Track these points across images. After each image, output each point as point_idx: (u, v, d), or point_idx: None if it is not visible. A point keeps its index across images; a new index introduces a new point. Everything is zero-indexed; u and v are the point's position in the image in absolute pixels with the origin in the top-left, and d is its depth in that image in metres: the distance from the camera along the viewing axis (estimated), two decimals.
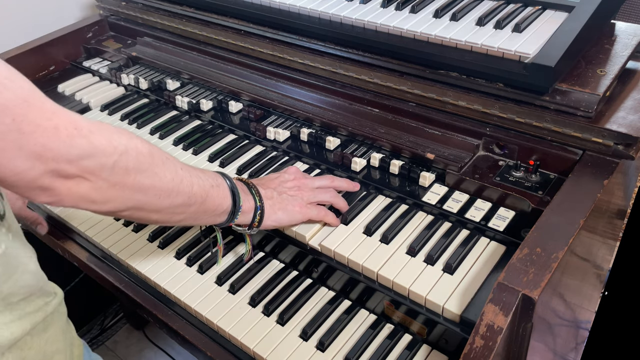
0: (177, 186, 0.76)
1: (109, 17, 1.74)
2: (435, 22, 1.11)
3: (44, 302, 0.80)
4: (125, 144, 0.67)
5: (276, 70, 1.34)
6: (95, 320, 2.21)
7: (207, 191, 0.82)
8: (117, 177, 0.66)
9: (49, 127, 0.58)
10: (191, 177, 0.79)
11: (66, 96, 1.54)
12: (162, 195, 0.74)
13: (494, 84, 1.01)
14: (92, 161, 0.63)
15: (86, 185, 0.64)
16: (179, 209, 0.78)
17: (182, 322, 1.02)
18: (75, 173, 0.62)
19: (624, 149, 0.93)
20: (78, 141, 0.61)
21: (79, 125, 0.61)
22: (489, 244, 0.93)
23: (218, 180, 0.86)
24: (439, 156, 1.05)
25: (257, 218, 0.92)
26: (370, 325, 0.95)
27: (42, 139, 0.58)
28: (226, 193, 0.86)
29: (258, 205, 0.92)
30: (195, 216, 0.83)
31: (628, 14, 1.35)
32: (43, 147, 0.58)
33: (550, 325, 0.93)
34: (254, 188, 0.93)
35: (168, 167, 0.75)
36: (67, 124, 0.60)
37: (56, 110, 0.60)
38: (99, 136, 0.63)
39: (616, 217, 1.15)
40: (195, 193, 0.79)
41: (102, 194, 0.66)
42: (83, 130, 0.61)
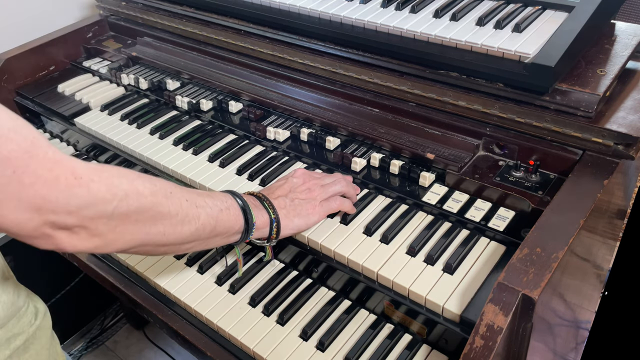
0: (182, 220, 0.75)
1: (109, 17, 1.74)
2: (435, 22, 1.11)
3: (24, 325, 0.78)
4: (125, 188, 0.66)
5: (276, 70, 1.34)
6: (95, 320, 2.21)
7: (216, 217, 0.81)
8: (117, 222, 0.66)
9: (50, 178, 0.58)
10: (197, 207, 0.78)
11: (66, 96, 1.54)
12: (167, 231, 0.73)
13: (494, 84, 1.01)
14: (91, 210, 0.62)
15: (86, 233, 0.64)
16: (187, 239, 0.78)
17: (182, 322, 1.02)
18: (75, 223, 0.62)
19: (624, 149, 0.93)
20: (77, 191, 0.61)
21: (78, 174, 0.61)
22: (489, 244, 0.93)
23: (228, 202, 0.85)
24: (439, 156, 1.05)
25: (274, 230, 0.91)
26: (370, 325, 0.95)
27: (42, 190, 0.58)
28: (237, 213, 0.85)
29: (273, 217, 0.90)
30: (206, 242, 0.82)
31: (628, 14, 1.35)
32: (43, 199, 0.58)
33: (550, 325, 0.93)
34: (266, 200, 0.92)
35: (172, 203, 0.74)
36: (67, 174, 0.60)
37: (58, 160, 0.60)
38: (99, 184, 0.63)
39: (616, 217, 1.15)
40: (203, 223, 0.78)
41: (103, 239, 0.66)
42: (83, 179, 0.61)
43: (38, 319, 0.81)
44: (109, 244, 0.67)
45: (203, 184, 1.14)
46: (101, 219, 0.64)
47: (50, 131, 1.55)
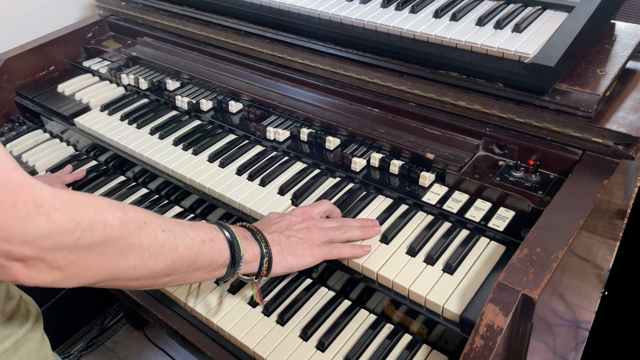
0: (156, 252, 0.69)
1: (109, 17, 1.74)
2: (435, 22, 1.11)
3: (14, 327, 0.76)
4: (90, 218, 0.60)
5: (276, 70, 1.34)
6: (95, 320, 2.21)
7: (196, 250, 0.74)
8: (80, 255, 0.60)
9: (8, 204, 0.53)
10: (176, 238, 0.72)
11: (66, 96, 1.54)
12: (138, 265, 0.67)
13: (493, 84, 1.01)
14: (50, 241, 0.57)
15: (44, 266, 0.58)
16: (162, 273, 0.71)
17: (182, 322, 1.03)
18: (31, 254, 0.56)
19: (624, 149, 0.93)
20: (36, 219, 0.55)
21: (40, 201, 0.56)
22: (489, 244, 0.93)
23: (212, 233, 0.79)
24: (439, 156, 1.05)
25: (264, 266, 0.84)
26: (370, 325, 0.95)
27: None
28: (222, 246, 0.79)
29: (264, 252, 0.84)
30: (186, 276, 0.76)
31: (628, 14, 1.35)
32: None
33: (550, 325, 0.93)
34: (259, 234, 0.86)
35: (145, 234, 0.67)
36: (27, 200, 0.55)
37: (22, 184, 0.55)
38: (62, 213, 0.57)
39: (616, 217, 1.15)
40: (181, 255, 0.72)
41: (64, 272, 0.60)
42: (45, 207, 0.56)
43: (29, 321, 0.79)
44: (70, 278, 0.61)
45: (203, 184, 1.14)
46: (61, 251, 0.58)
47: (50, 131, 1.55)
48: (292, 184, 1.10)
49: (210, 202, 1.16)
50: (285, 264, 0.87)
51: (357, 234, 0.94)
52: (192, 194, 1.19)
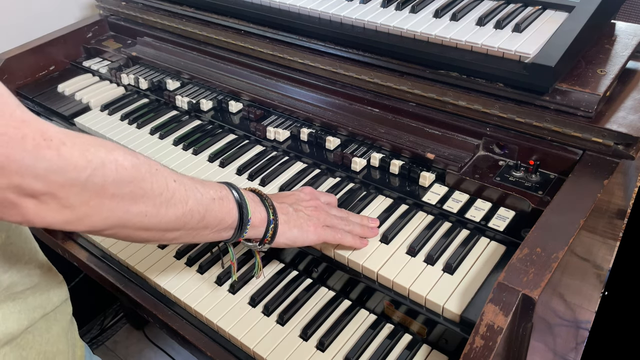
0: (167, 201, 0.68)
1: (109, 17, 1.74)
2: (435, 22, 1.11)
3: (46, 298, 0.77)
4: (102, 156, 0.60)
5: (276, 70, 1.34)
6: (95, 320, 2.21)
7: (206, 205, 0.74)
8: (91, 194, 0.59)
9: (15, 137, 0.53)
10: (187, 190, 0.71)
11: (66, 96, 1.54)
12: (150, 211, 0.66)
13: (494, 84, 1.01)
14: (61, 176, 0.56)
15: (56, 203, 0.57)
16: (171, 225, 0.70)
17: (182, 322, 1.02)
18: (43, 190, 0.56)
19: (624, 149, 0.93)
20: (46, 153, 0.55)
21: (48, 135, 0.55)
22: (489, 244, 0.93)
23: (222, 192, 0.78)
24: (439, 156, 1.05)
25: (269, 232, 0.83)
26: (370, 325, 0.95)
27: (6, 148, 0.52)
28: (231, 206, 0.78)
29: (271, 218, 0.83)
30: (194, 233, 0.75)
31: (628, 14, 1.35)
32: (7, 158, 0.52)
33: (550, 325, 0.93)
34: (268, 200, 0.85)
35: (157, 180, 0.67)
36: (35, 134, 0.54)
37: (27, 119, 0.55)
38: (71, 148, 0.57)
39: (616, 217, 1.15)
40: (191, 208, 0.71)
41: (75, 212, 0.59)
42: (53, 142, 0.55)
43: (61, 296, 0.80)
44: (82, 219, 0.60)
45: None
46: (72, 188, 0.57)
47: None
48: (292, 184, 1.10)
49: None
50: (289, 235, 0.86)
51: (357, 229, 0.95)
52: None
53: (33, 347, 0.75)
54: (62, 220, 0.59)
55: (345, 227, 0.93)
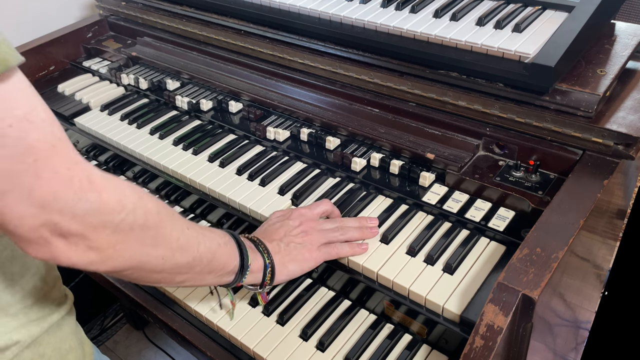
0: (182, 246, 0.72)
1: (109, 17, 1.74)
2: (435, 22, 1.11)
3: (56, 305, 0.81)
4: (134, 202, 0.64)
5: (276, 70, 1.34)
6: (95, 320, 2.21)
7: (213, 252, 0.77)
8: (119, 237, 0.63)
9: (66, 177, 0.57)
10: (198, 235, 0.75)
11: (66, 96, 1.54)
12: (167, 255, 0.70)
13: (494, 84, 1.01)
14: (97, 217, 0.60)
15: (84, 245, 0.60)
16: (183, 269, 0.74)
17: (182, 322, 1.03)
18: (77, 230, 0.59)
19: (624, 149, 0.93)
20: (89, 195, 0.58)
21: (93, 179, 0.59)
22: (489, 244, 0.93)
23: (225, 237, 0.82)
24: (439, 156, 1.05)
25: (267, 276, 0.86)
26: (370, 325, 0.95)
27: (56, 186, 0.56)
28: (233, 251, 0.82)
29: (267, 263, 0.86)
30: (200, 277, 0.78)
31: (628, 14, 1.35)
32: (54, 195, 0.56)
33: (550, 325, 0.93)
34: (261, 245, 0.88)
35: (175, 226, 0.71)
36: (82, 177, 0.58)
37: (78, 161, 0.59)
38: (110, 193, 0.61)
39: (616, 217, 1.15)
40: (201, 254, 0.75)
41: (101, 254, 0.62)
42: (96, 184, 0.59)
43: (69, 301, 0.83)
44: (105, 261, 0.63)
45: (203, 184, 1.14)
46: (105, 230, 0.61)
47: None
48: (292, 184, 1.10)
49: (210, 202, 1.16)
50: (287, 272, 0.89)
51: (355, 235, 0.95)
52: (192, 194, 1.19)
53: (49, 343, 0.78)
54: (88, 261, 0.62)
55: (341, 237, 0.94)
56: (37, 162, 0.55)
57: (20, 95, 0.55)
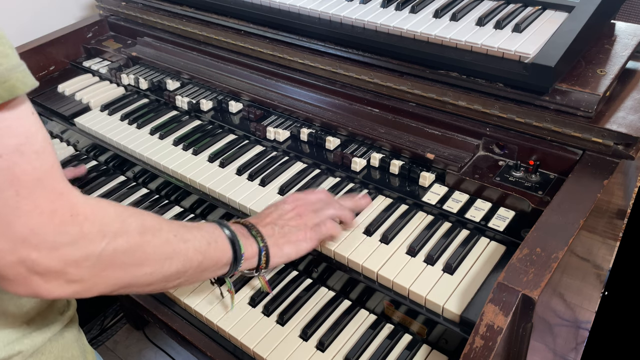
0: (169, 258, 0.71)
1: (109, 17, 1.74)
2: (435, 22, 1.11)
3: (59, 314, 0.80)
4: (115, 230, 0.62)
5: (276, 70, 1.34)
6: (95, 320, 2.21)
7: (203, 252, 0.76)
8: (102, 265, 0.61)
9: (47, 211, 0.55)
10: (185, 242, 0.73)
11: (66, 96, 1.54)
12: (154, 270, 0.69)
13: (494, 84, 1.01)
14: (78, 251, 0.58)
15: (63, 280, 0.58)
16: (173, 276, 0.73)
17: (182, 322, 1.03)
18: (55, 267, 0.56)
19: (624, 149, 0.93)
20: (69, 229, 0.56)
21: (76, 211, 0.57)
22: (489, 244, 0.93)
23: (215, 233, 0.80)
24: (439, 156, 1.05)
25: (262, 260, 0.85)
26: (370, 325, 0.95)
27: (35, 221, 0.54)
28: (225, 246, 0.80)
29: (261, 246, 0.85)
30: (194, 278, 0.78)
31: (628, 14, 1.35)
32: (32, 230, 0.54)
33: (550, 325, 0.93)
34: (254, 228, 0.86)
35: (160, 241, 0.69)
36: (65, 210, 0.56)
37: (63, 192, 0.57)
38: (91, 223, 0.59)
39: (616, 217, 1.15)
40: (190, 258, 0.74)
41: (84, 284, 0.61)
42: (79, 217, 0.57)
43: (72, 309, 0.83)
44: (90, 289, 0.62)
45: (203, 184, 1.14)
46: (86, 262, 0.59)
47: (50, 131, 1.55)
48: (292, 184, 1.10)
49: (210, 202, 1.16)
50: (281, 254, 0.88)
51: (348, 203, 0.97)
52: (192, 194, 1.19)
53: (52, 351, 0.77)
54: (72, 292, 0.60)
55: (335, 212, 0.94)
56: (19, 195, 0.53)
57: (17, 124, 0.53)
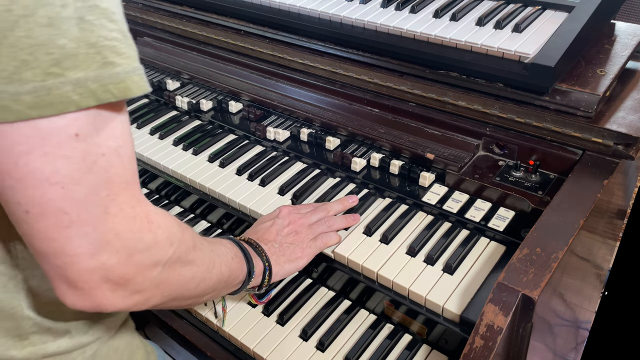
0: (209, 270, 0.72)
1: None
2: (435, 22, 1.11)
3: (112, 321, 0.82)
4: (179, 237, 0.64)
5: (276, 70, 1.34)
6: None
7: (229, 266, 0.78)
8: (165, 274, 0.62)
9: (129, 216, 0.56)
10: (219, 257, 0.76)
11: None
12: (199, 283, 0.71)
13: (493, 84, 1.01)
14: (149, 258, 0.59)
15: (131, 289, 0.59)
16: (209, 289, 0.75)
17: (182, 322, 1.03)
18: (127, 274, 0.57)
19: (624, 149, 0.93)
20: (145, 235, 0.58)
21: (151, 218, 0.59)
22: (489, 244, 0.93)
23: (234, 249, 0.82)
24: (439, 156, 1.05)
25: (266, 279, 0.87)
26: (370, 325, 0.95)
27: (120, 225, 0.55)
28: (243, 262, 0.82)
29: (266, 265, 0.87)
30: (219, 292, 0.79)
31: (628, 14, 1.35)
32: (116, 234, 0.55)
33: (550, 325, 0.93)
34: (259, 247, 0.88)
35: (203, 253, 0.71)
36: (143, 216, 0.58)
37: (140, 200, 0.58)
38: (163, 231, 0.61)
39: (616, 217, 1.15)
40: (222, 272, 0.76)
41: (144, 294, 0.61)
42: (153, 225, 0.59)
43: None
44: (149, 299, 0.62)
45: (203, 184, 1.14)
46: (155, 269, 0.60)
47: None
48: (292, 184, 1.10)
49: (210, 203, 1.16)
50: (282, 272, 0.90)
51: (340, 224, 0.98)
52: (192, 194, 1.19)
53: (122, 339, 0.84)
54: (132, 304, 0.60)
55: (328, 230, 0.96)
56: (109, 197, 0.54)
57: (120, 127, 0.55)
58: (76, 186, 0.51)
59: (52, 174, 0.50)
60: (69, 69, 0.48)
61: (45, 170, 0.50)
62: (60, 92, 0.48)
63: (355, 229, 0.99)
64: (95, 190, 0.53)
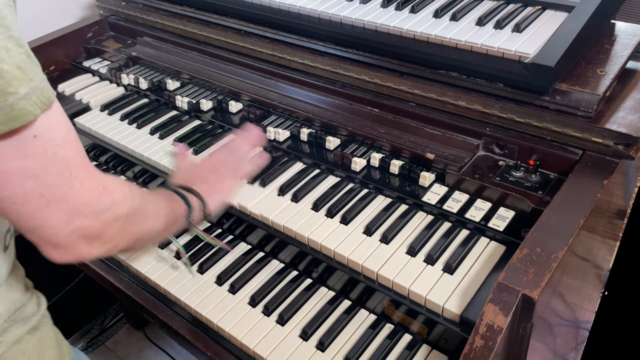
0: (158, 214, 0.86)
1: (109, 17, 1.74)
2: (435, 22, 1.11)
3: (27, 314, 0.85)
4: (131, 194, 0.77)
5: (276, 70, 1.34)
6: (95, 320, 2.21)
7: (171, 206, 0.90)
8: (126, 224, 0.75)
9: (89, 187, 0.69)
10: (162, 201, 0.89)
11: (66, 96, 1.54)
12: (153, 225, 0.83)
13: (494, 84, 1.01)
14: (111, 214, 0.72)
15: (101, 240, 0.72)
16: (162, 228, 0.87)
17: (182, 321, 1.03)
18: (97, 230, 0.71)
19: (624, 149, 0.93)
20: (105, 198, 0.71)
21: (106, 185, 0.72)
22: (489, 244, 0.93)
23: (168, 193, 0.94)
24: (439, 156, 1.05)
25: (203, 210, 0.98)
26: (370, 325, 0.95)
27: (85, 196, 0.68)
28: (180, 201, 0.94)
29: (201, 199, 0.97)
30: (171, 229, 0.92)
31: (628, 14, 1.35)
32: (84, 203, 0.68)
33: (550, 325, 0.93)
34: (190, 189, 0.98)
35: (150, 201, 0.84)
36: (99, 185, 0.71)
37: (95, 172, 0.71)
38: (117, 193, 0.73)
39: (616, 217, 1.16)
40: (166, 213, 0.88)
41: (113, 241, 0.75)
42: (108, 189, 0.72)
43: (41, 308, 0.88)
44: (117, 245, 0.76)
45: None
46: (117, 222, 0.73)
47: None
48: (292, 184, 1.10)
49: None
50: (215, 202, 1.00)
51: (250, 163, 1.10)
52: None
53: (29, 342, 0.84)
54: (105, 251, 0.74)
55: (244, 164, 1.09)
56: (71, 176, 0.67)
57: (60, 118, 0.66)
58: (46, 174, 0.64)
59: (26, 170, 0.63)
60: (18, 87, 0.59)
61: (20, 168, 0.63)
62: (20, 107, 0.59)
63: (355, 228, 0.99)
64: (60, 173, 0.66)
